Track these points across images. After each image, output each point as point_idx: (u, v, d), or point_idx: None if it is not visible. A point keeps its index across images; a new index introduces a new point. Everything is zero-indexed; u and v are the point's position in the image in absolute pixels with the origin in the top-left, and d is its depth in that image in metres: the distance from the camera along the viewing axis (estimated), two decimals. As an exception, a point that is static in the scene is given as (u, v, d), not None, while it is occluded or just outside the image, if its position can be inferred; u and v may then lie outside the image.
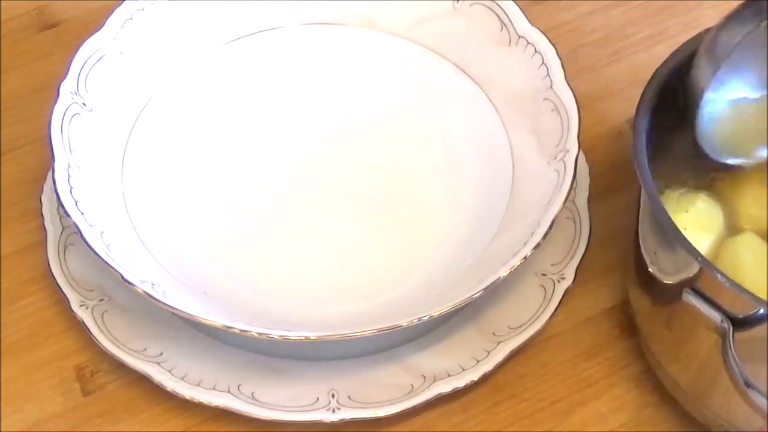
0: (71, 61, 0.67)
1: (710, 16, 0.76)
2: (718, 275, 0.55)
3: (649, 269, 0.61)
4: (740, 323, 0.55)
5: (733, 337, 0.55)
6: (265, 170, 0.71)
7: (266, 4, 0.73)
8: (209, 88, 0.72)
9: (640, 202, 0.61)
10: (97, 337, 0.65)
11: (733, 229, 0.61)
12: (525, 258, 0.62)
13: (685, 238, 0.56)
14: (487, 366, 0.64)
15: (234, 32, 0.73)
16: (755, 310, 0.54)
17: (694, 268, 0.56)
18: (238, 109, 0.73)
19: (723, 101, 0.60)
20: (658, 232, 0.59)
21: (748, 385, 0.55)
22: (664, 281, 0.59)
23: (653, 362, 0.64)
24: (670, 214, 0.57)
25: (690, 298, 0.56)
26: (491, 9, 0.70)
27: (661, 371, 0.63)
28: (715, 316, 0.56)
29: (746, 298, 0.54)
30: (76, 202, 0.63)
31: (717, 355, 0.56)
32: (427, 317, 0.61)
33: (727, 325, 0.55)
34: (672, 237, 0.56)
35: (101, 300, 0.66)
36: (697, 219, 0.59)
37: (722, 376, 0.56)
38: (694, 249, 0.56)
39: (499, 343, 0.65)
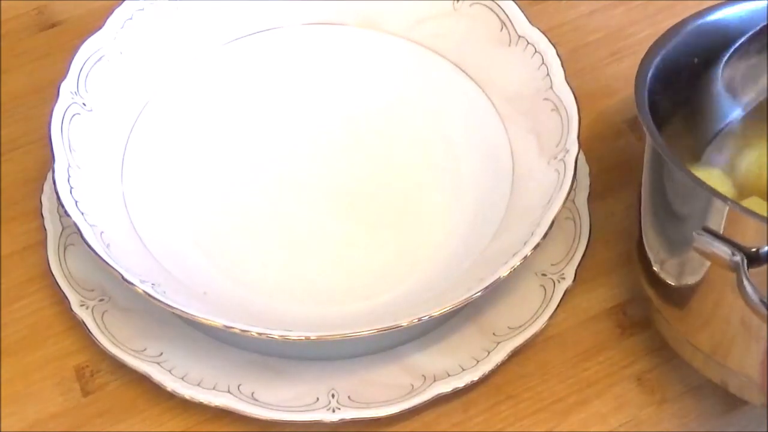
0: (71, 61, 0.67)
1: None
2: (729, 203, 0.55)
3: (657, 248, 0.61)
4: (753, 258, 0.55)
5: (747, 269, 0.55)
6: (265, 170, 0.71)
7: (266, 4, 0.73)
8: (209, 88, 0.72)
9: (643, 163, 0.61)
10: (97, 337, 0.65)
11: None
12: (525, 258, 0.62)
13: (689, 171, 0.56)
14: (487, 366, 0.64)
15: (234, 32, 0.73)
16: (765, 240, 0.55)
17: (702, 203, 0.56)
18: (237, 109, 0.73)
19: None
20: (663, 184, 0.59)
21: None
22: (673, 234, 0.59)
23: (676, 343, 0.63)
24: None
25: (701, 240, 0.57)
26: (491, 9, 0.70)
27: (683, 348, 0.63)
28: (726, 251, 0.56)
29: (755, 222, 0.54)
30: (76, 202, 0.63)
31: (737, 301, 0.56)
32: (427, 317, 0.61)
33: (739, 257, 0.55)
34: (676, 172, 0.57)
35: (101, 300, 0.66)
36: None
37: (743, 324, 0.57)
38: (700, 180, 0.56)
39: (499, 343, 0.65)
